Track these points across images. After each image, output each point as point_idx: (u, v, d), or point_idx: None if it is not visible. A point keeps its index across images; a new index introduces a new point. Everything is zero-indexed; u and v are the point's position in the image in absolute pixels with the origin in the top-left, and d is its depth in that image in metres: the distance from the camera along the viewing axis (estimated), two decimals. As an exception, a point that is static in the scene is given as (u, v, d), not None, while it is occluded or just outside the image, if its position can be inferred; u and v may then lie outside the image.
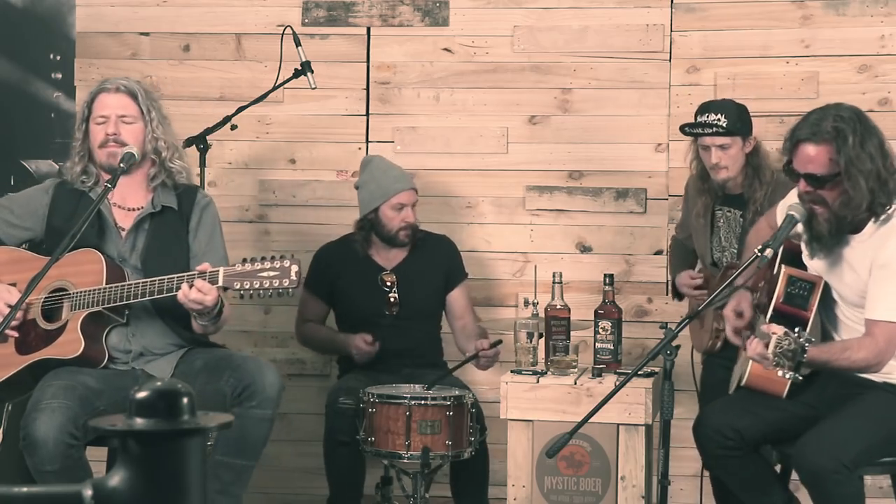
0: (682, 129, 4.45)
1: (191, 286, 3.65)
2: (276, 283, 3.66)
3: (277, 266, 3.67)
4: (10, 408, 4.03)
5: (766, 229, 3.88)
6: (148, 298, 3.73)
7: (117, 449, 1.55)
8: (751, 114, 4.43)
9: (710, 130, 4.32)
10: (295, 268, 3.67)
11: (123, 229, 3.91)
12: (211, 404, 3.60)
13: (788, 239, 3.65)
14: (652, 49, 5.03)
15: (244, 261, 3.70)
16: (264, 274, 3.66)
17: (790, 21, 4.96)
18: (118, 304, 3.74)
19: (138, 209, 3.94)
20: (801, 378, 3.30)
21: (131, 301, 3.74)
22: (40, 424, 3.55)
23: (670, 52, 5.03)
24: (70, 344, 3.76)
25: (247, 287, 3.66)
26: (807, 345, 3.25)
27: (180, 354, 3.90)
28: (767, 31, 4.97)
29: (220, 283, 3.66)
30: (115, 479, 1.53)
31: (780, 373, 3.30)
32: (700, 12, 5.01)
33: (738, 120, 4.34)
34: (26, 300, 3.75)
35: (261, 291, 3.66)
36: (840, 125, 3.48)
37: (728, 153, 4.34)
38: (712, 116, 4.33)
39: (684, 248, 4.70)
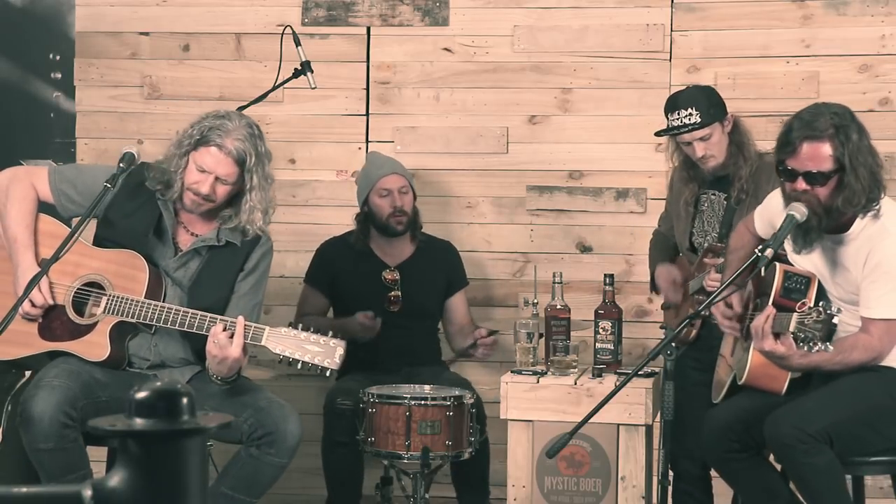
0: (658, 134, 4.40)
1: (230, 334, 3.63)
2: (317, 360, 3.63)
3: (323, 342, 3.64)
4: (9, 408, 4.02)
5: (746, 234, 3.89)
6: (178, 329, 3.72)
7: (117, 449, 1.55)
8: (750, 114, 4.41)
9: (687, 129, 4.23)
10: (340, 350, 3.64)
11: (181, 249, 3.88)
12: (223, 434, 3.57)
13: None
14: (652, 49, 5.03)
15: (290, 325, 3.68)
16: (309, 346, 3.63)
17: (790, 21, 4.95)
18: (151, 323, 3.74)
19: (200, 235, 3.90)
20: (832, 348, 3.34)
21: (165, 326, 3.73)
22: (38, 401, 3.55)
23: (670, 52, 5.03)
24: (96, 347, 3.75)
25: (287, 354, 3.64)
26: (836, 314, 3.30)
27: (196, 370, 3.88)
28: (768, 31, 4.97)
29: (263, 343, 3.64)
30: (115, 480, 1.53)
31: (806, 347, 3.32)
32: (700, 12, 5.01)
33: (710, 106, 4.24)
34: (53, 286, 3.77)
35: (300, 363, 3.64)
36: (839, 122, 3.49)
37: (711, 142, 4.25)
38: (684, 112, 4.23)
39: (665, 241, 4.64)
